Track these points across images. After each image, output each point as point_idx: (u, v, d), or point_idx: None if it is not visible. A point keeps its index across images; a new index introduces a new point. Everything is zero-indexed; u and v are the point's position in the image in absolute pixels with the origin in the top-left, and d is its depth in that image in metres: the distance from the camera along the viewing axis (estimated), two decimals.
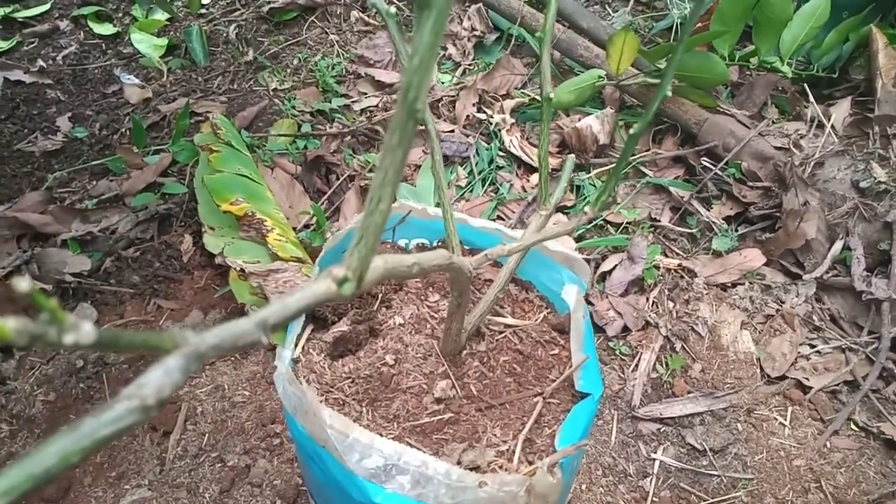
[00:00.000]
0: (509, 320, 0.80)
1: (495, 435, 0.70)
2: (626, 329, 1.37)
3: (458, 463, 0.66)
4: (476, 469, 0.66)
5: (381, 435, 0.68)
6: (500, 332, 0.79)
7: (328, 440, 0.64)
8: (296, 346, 0.77)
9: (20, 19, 2.01)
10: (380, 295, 0.81)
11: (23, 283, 0.18)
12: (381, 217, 0.31)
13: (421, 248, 0.89)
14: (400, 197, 1.53)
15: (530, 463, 0.67)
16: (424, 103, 0.27)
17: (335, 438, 0.63)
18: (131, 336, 0.22)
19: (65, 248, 1.45)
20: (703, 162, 1.55)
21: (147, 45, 1.92)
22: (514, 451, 0.68)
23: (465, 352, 0.76)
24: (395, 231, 0.87)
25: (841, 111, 1.54)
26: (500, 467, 0.66)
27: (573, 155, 0.69)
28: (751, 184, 1.50)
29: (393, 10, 0.56)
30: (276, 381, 0.68)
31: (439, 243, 0.91)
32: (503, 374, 0.75)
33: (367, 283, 0.36)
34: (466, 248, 0.87)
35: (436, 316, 0.79)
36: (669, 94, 0.47)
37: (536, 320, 0.81)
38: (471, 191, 1.58)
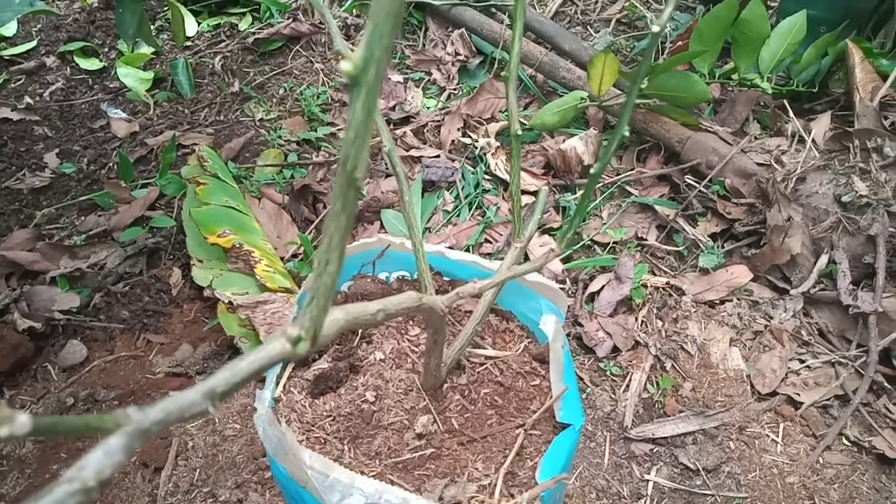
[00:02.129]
0: (490, 352, 0.80)
1: (477, 469, 0.70)
2: (615, 349, 1.38)
3: (440, 499, 0.66)
4: None
5: (363, 473, 0.68)
6: (481, 364, 0.79)
7: (308, 481, 0.64)
8: (277, 384, 0.77)
9: (7, 57, 2.03)
10: (360, 330, 0.81)
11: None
12: (331, 278, 0.32)
13: (402, 280, 0.90)
14: (387, 223, 1.54)
15: (512, 496, 0.67)
16: (363, 172, 0.28)
17: (315, 479, 0.63)
18: (70, 421, 0.23)
19: (54, 285, 1.46)
20: (687, 180, 1.56)
21: (133, 78, 1.93)
22: (495, 485, 0.68)
23: (446, 385, 0.76)
24: (374, 265, 0.87)
25: (821, 125, 1.55)
26: (482, 502, 0.66)
27: (546, 187, 0.70)
28: (735, 200, 1.51)
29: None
30: (256, 423, 0.68)
31: None
32: (484, 406, 0.76)
33: (324, 338, 0.36)
34: (446, 279, 0.88)
35: (416, 350, 0.79)
36: (627, 133, 0.47)
37: (517, 351, 0.81)
38: (458, 215, 1.59)
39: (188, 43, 2.07)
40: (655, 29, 0.44)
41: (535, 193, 1.57)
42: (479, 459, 0.71)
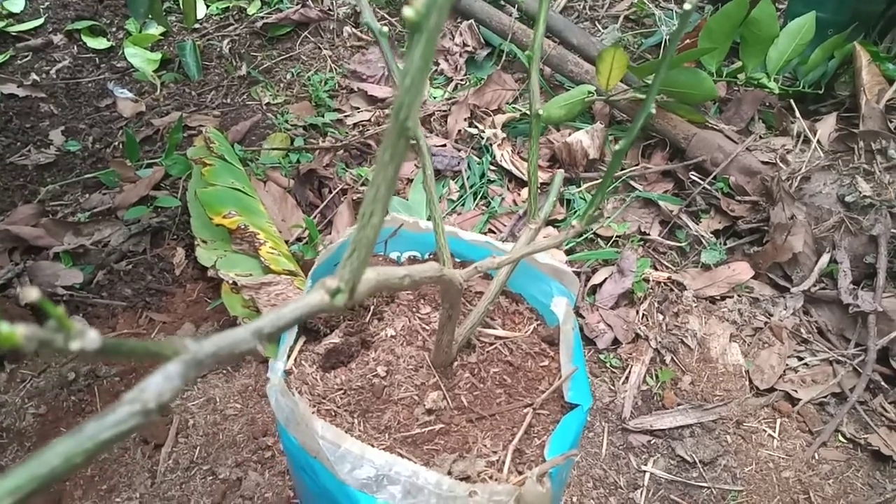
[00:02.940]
0: (500, 332, 0.81)
1: (485, 445, 0.71)
2: (616, 342, 1.39)
3: (449, 473, 0.67)
4: (466, 479, 0.66)
5: (372, 446, 0.69)
6: (491, 344, 0.80)
7: (320, 451, 0.64)
8: (288, 357, 0.77)
9: (14, 33, 2.02)
10: (371, 307, 0.82)
11: (32, 293, 0.19)
12: (373, 231, 0.32)
13: (412, 260, 0.90)
14: (392, 211, 1.55)
15: (520, 473, 0.68)
16: (415, 121, 0.28)
17: (327, 449, 0.64)
18: (134, 344, 0.23)
19: (57, 260, 1.46)
20: (691, 176, 1.57)
21: (141, 59, 1.93)
22: (504, 462, 0.69)
23: (456, 363, 0.77)
24: (386, 244, 0.88)
25: (827, 126, 1.56)
26: (491, 477, 0.67)
27: (562, 170, 0.71)
28: (738, 198, 1.52)
29: (385, 28, 0.58)
30: (268, 393, 0.69)
31: (430, 256, 0.93)
32: (494, 385, 0.76)
33: (360, 294, 0.37)
34: (457, 260, 0.88)
35: (427, 328, 0.80)
36: (654, 110, 0.48)
37: (526, 332, 0.82)
38: (462, 204, 1.60)
39: (196, 25, 2.07)
40: (688, 6, 0.44)
41: (542, 185, 1.58)
42: (487, 436, 0.72)
